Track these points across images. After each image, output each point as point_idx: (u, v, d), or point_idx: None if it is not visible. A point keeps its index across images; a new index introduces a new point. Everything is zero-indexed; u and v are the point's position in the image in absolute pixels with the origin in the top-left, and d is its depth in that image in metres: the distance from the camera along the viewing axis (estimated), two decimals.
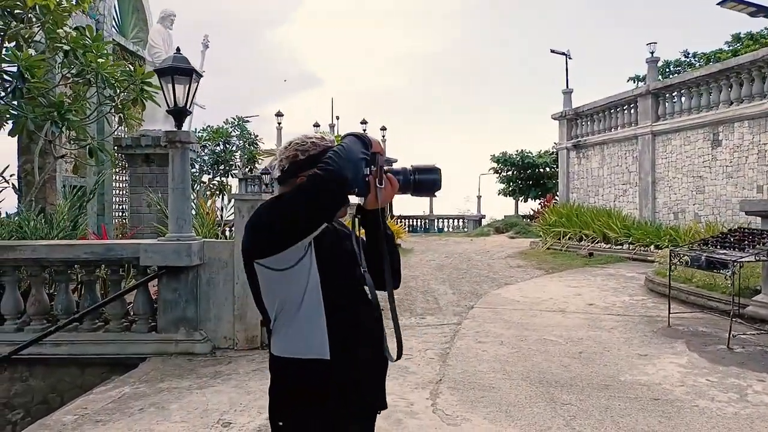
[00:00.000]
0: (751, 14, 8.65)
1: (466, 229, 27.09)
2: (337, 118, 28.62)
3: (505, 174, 28.41)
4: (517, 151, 28.02)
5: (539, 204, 22.54)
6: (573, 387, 4.35)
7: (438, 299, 8.32)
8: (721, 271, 5.87)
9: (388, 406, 1.86)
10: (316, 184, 1.46)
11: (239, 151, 18.58)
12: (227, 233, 8.32)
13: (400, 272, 1.93)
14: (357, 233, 1.78)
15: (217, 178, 17.44)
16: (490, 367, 4.93)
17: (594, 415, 3.79)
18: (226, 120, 19.37)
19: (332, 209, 1.52)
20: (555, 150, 19.90)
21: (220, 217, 8.54)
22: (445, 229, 28.29)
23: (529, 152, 27.81)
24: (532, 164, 27.29)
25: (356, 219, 1.75)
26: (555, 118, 17.84)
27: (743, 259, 5.65)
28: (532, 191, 27.37)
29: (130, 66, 8.01)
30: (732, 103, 11.61)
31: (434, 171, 1.69)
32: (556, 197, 18.53)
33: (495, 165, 28.60)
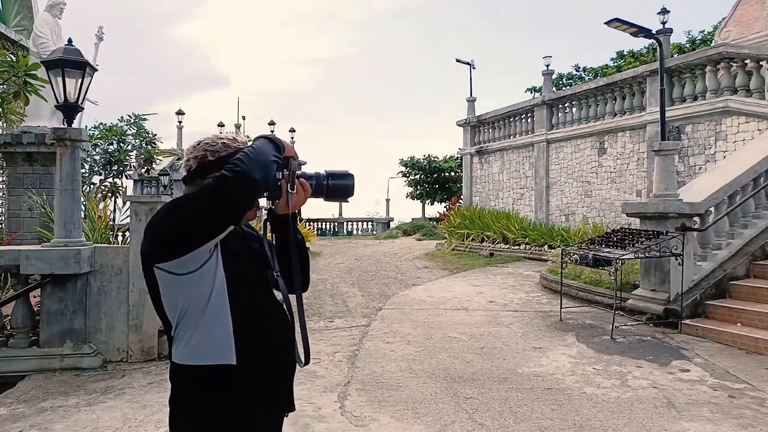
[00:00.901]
0: (634, 34, 9.48)
1: (375, 232, 27.39)
2: (243, 118, 27.85)
3: (413, 178, 29.11)
4: (424, 155, 28.82)
5: (445, 207, 23.33)
6: (475, 381, 4.53)
7: (347, 302, 8.33)
8: (606, 268, 6.39)
9: (295, 411, 1.83)
10: (223, 185, 1.41)
11: (135, 151, 17.49)
12: (121, 238, 7.81)
13: (308, 276, 1.91)
14: (268, 237, 1.74)
15: (110, 180, 16.30)
16: (397, 366, 5.01)
17: (494, 407, 3.97)
18: (122, 117, 18.19)
19: (239, 211, 1.47)
20: (460, 155, 20.67)
21: (113, 220, 7.99)
22: (355, 232, 28.44)
23: (436, 157, 28.70)
24: (439, 168, 28.18)
25: (267, 223, 1.71)
26: (459, 125, 18.54)
27: (624, 257, 6.19)
28: (439, 194, 28.27)
29: (12, 56, 7.28)
30: (616, 114, 12.68)
31: (347, 176, 1.69)
32: (461, 200, 19.25)
33: (403, 169, 29.23)
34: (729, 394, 4.15)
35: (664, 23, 12.19)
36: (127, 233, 6.52)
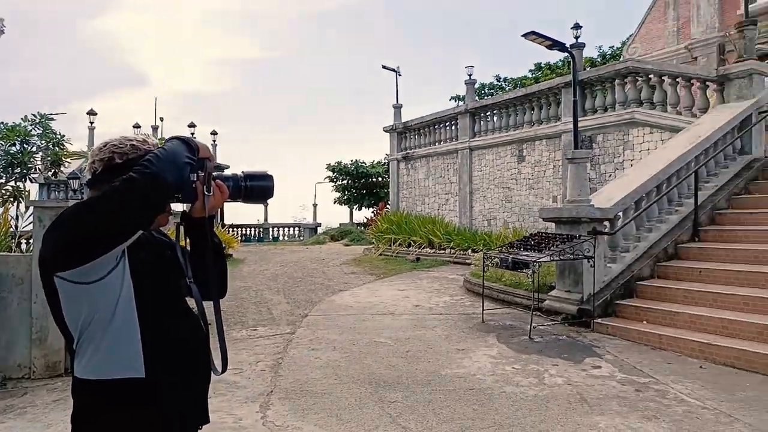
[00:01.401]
0: (549, 47, 10.00)
1: (302, 238, 27.08)
2: (161, 119, 26.80)
3: (340, 183, 29.07)
4: (351, 161, 28.88)
5: (372, 212, 23.45)
6: (400, 385, 4.55)
7: (271, 309, 8.14)
8: (524, 270, 6.65)
9: (214, 423, 1.75)
10: (131, 188, 1.31)
11: (41, 153, 16.23)
12: (23, 246, 7.22)
13: (226, 282, 1.84)
14: (182, 242, 1.66)
15: (12, 183, 15.03)
16: (322, 373, 4.95)
17: (418, 409, 4.01)
18: (25, 117, 16.84)
19: (148, 216, 1.39)
20: (387, 161, 20.87)
21: (14, 227, 7.38)
22: (281, 238, 27.97)
23: (363, 162, 28.84)
24: (366, 174, 28.32)
25: (181, 227, 1.63)
26: (386, 131, 18.73)
27: (541, 260, 6.47)
28: (366, 200, 28.40)
29: None
30: (534, 123, 13.28)
31: (266, 178, 1.65)
32: (388, 206, 19.45)
33: (330, 174, 29.13)
34: (635, 388, 4.41)
35: (577, 38, 12.95)
36: (31, 241, 6.04)
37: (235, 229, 25.42)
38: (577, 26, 13.03)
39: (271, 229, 28.17)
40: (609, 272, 6.88)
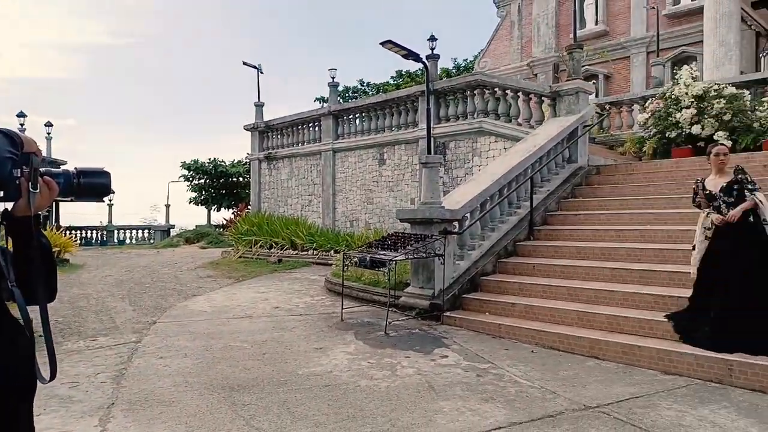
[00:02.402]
0: (405, 56, 10.47)
1: (152, 241, 25.27)
2: None
3: (197, 182, 27.63)
4: (209, 159, 27.62)
5: (232, 213, 22.63)
6: (255, 387, 4.46)
7: (114, 317, 7.50)
8: (381, 269, 6.88)
9: None
10: None
11: None
12: None
13: (55, 285, 1.68)
14: (2, 242, 1.49)
15: None
16: (172, 381, 4.67)
17: (273, 410, 3.96)
18: None
19: None
20: (248, 160, 20.28)
21: None
22: (128, 241, 25.84)
23: (222, 161, 27.72)
24: (226, 173, 27.25)
25: (2, 226, 1.47)
26: (247, 129, 18.20)
27: (397, 258, 6.75)
28: (226, 200, 27.32)
29: None
30: (393, 128, 13.80)
31: (102, 174, 1.55)
32: (249, 207, 18.89)
33: (186, 173, 27.56)
34: (477, 373, 4.80)
35: (432, 49, 13.67)
36: None
37: (73, 232, 22.95)
38: (432, 38, 13.77)
39: (116, 231, 25.87)
40: (457, 269, 7.38)
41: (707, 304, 4.92)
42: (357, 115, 15.01)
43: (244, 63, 18.16)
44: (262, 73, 18.18)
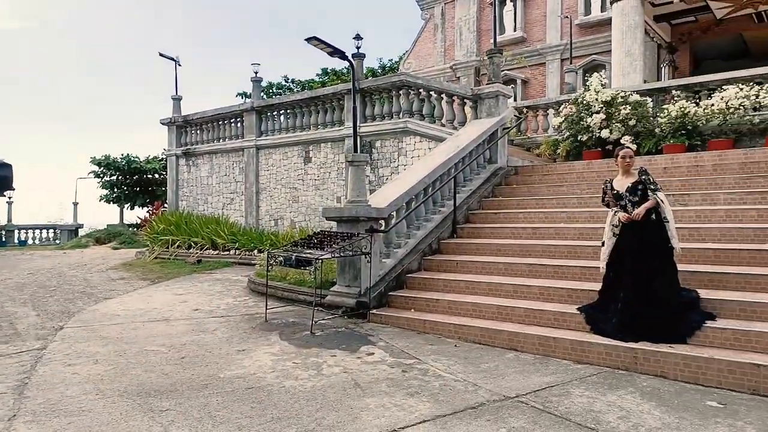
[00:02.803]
0: (330, 54, 10.38)
1: (59, 241, 23.57)
2: None
3: (108, 179, 26.05)
4: (122, 155, 26.10)
5: (147, 212, 21.50)
6: (173, 393, 4.26)
7: (15, 324, 6.91)
8: (307, 267, 6.79)
9: None
10: None
11: None
12: None
13: None
14: None
15: None
16: (81, 389, 4.37)
17: (193, 414, 3.80)
18: None
19: None
20: (165, 156, 19.38)
21: None
22: (30, 242, 23.92)
23: (136, 157, 26.30)
24: (140, 170, 25.89)
25: None
26: (164, 124, 17.38)
27: (323, 257, 6.69)
28: (141, 198, 25.94)
29: None
30: (319, 126, 13.67)
31: (4, 167, 1.38)
32: (166, 205, 18.04)
33: (96, 169, 25.91)
34: (402, 369, 4.85)
35: (358, 48, 13.68)
36: None
37: None
38: (358, 37, 13.77)
39: (17, 231, 23.84)
40: (384, 267, 7.43)
41: (615, 296, 5.25)
42: (282, 112, 14.74)
43: (161, 54, 17.33)
44: (180, 65, 17.45)
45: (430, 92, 11.56)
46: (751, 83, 9.58)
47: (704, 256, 5.91)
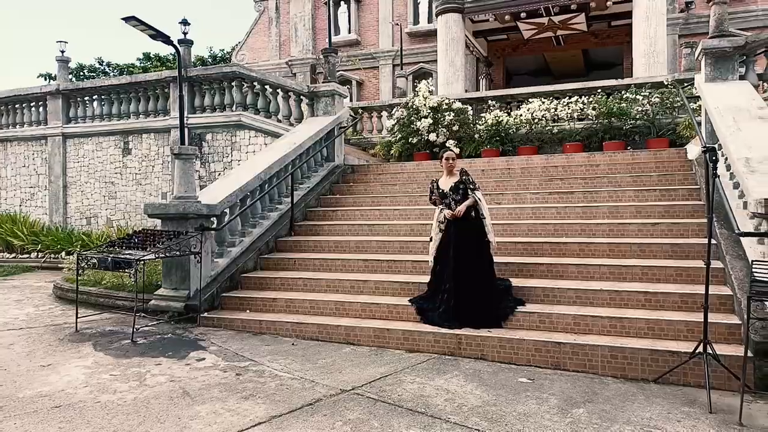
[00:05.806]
0: (152, 37, 9.54)
1: None
2: None
3: None
4: None
5: None
6: None
7: None
8: (127, 270, 6.15)
9: None
10: None
11: None
12: None
13: None
14: None
15: None
16: None
17: None
18: None
19: None
20: None
21: None
22: None
23: None
24: None
25: None
26: None
27: (146, 258, 6.11)
28: None
29: None
30: (140, 115, 12.51)
31: None
32: None
33: None
34: (236, 372, 4.63)
35: (185, 33, 12.83)
36: None
37: None
38: (185, 22, 12.91)
39: None
40: (216, 267, 7.05)
41: (442, 287, 5.63)
42: (96, 97, 13.19)
43: None
44: None
45: (266, 86, 11.28)
46: (551, 98, 11.01)
47: (515, 249, 6.62)
